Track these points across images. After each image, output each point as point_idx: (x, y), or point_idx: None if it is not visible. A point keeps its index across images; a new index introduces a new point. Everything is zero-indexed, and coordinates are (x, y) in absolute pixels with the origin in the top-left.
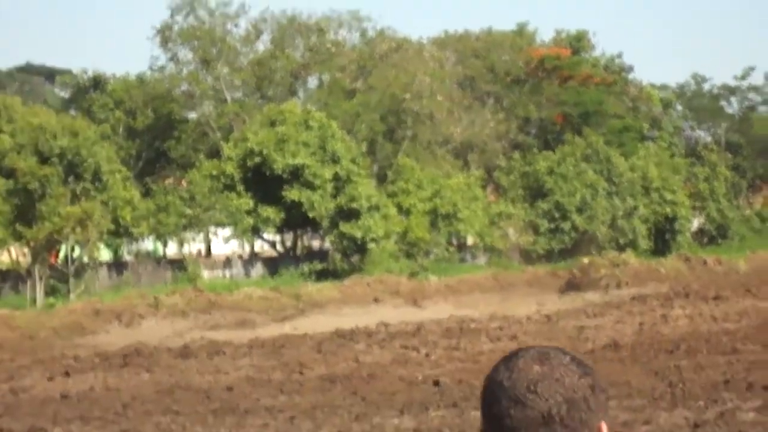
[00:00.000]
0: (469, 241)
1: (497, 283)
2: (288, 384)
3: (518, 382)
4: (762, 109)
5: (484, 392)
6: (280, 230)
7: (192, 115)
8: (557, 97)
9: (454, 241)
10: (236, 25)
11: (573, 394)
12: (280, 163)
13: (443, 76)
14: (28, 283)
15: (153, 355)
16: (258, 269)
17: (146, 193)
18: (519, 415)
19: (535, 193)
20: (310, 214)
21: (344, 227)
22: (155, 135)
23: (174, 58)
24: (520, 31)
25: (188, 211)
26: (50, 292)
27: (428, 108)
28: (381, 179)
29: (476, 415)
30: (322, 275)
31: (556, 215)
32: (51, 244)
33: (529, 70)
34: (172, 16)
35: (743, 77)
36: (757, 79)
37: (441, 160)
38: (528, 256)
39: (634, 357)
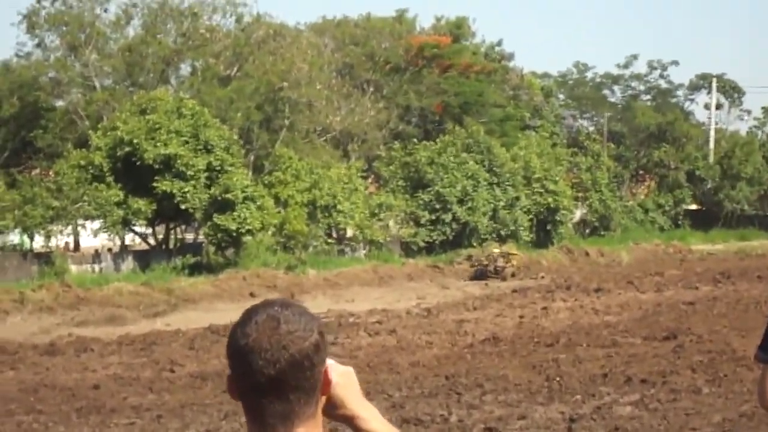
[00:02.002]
0: (349, 233)
1: (377, 276)
2: (157, 382)
3: (248, 345)
4: (645, 98)
5: (226, 347)
6: (151, 223)
7: (60, 104)
8: (438, 85)
9: (334, 234)
10: (106, 10)
11: (298, 356)
12: (151, 153)
13: (321, 63)
14: None
15: (18, 353)
16: (129, 263)
17: (12, 185)
18: (250, 378)
19: (416, 183)
20: (183, 206)
21: (218, 219)
22: (21, 124)
23: (41, 45)
24: (400, 17)
25: (55, 203)
26: None
27: (306, 96)
28: (257, 169)
29: None
30: (195, 269)
31: (437, 206)
32: None
33: (409, 58)
34: (39, 1)
35: (626, 66)
36: (639, 67)
37: (320, 150)
38: (408, 249)
39: (513, 351)
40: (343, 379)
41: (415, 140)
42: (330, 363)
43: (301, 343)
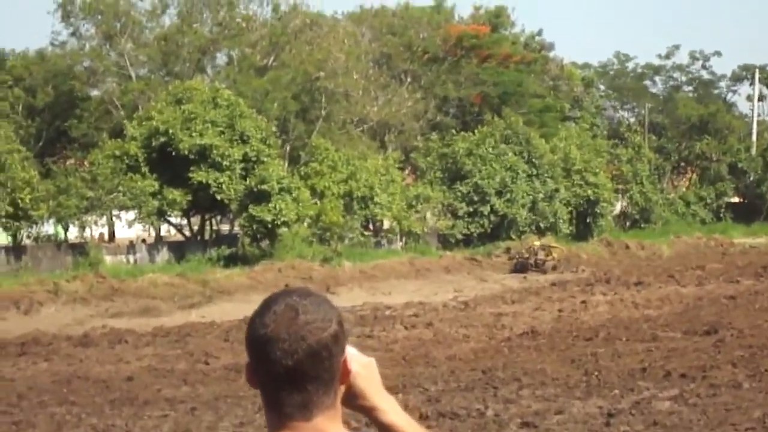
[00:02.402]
0: (386, 225)
1: (414, 269)
2: (192, 374)
3: (266, 335)
4: (686, 89)
5: (245, 335)
6: (186, 213)
7: (95, 93)
8: (476, 76)
9: (370, 225)
10: None
11: (316, 347)
12: (187, 143)
13: (359, 53)
14: None
15: (51, 344)
16: (163, 254)
17: (46, 174)
18: (269, 368)
19: (454, 175)
20: (219, 197)
21: (254, 210)
22: (56, 113)
23: (76, 33)
24: (438, 7)
25: (90, 194)
26: None
27: (343, 86)
28: (293, 160)
29: None
30: (230, 261)
31: (475, 198)
32: None
33: (448, 48)
34: None
35: (668, 56)
36: (681, 58)
37: (356, 141)
38: (446, 241)
39: (551, 345)
40: (364, 370)
41: (453, 131)
42: (352, 353)
43: (319, 333)
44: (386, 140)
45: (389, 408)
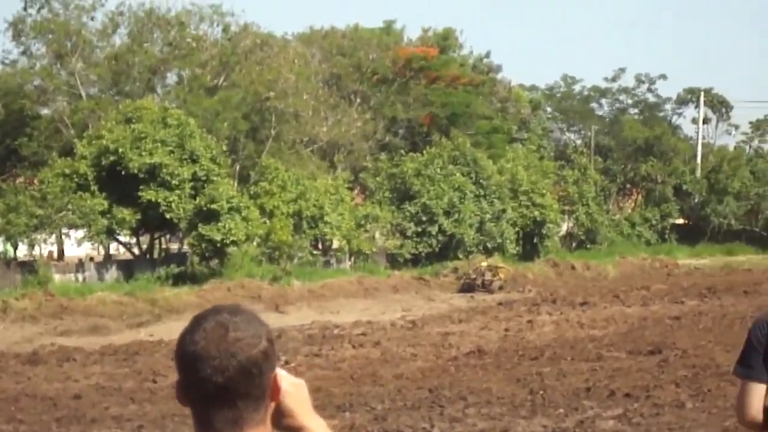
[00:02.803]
0: (335, 244)
1: (362, 288)
2: (139, 392)
3: (197, 352)
4: (632, 111)
5: (175, 351)
6: (136, 232)
7: (45, 112)
8: (425, 97)
9: (319, 245)
10: (92, 18)
11: (247, 364)
12: (137, 162)
13: (308, 73)
14: None
15: (0, 362)
16: (112, 273)
17: None
18: (199, 385)
19: (402, 195)
20: (168, 216)
21: (203, 229)
22: (6, 132)
23: (27, 52)
24: (387, 28)
25: (39, 212)
26: None
27: (293, 106)
28: (243, 180)
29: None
30: (179, 279)
31: (424, 218)
32: None
33: (397, 70)
34: (25, 8)
35: (614, 79)
36: (627, 81)
37: (306, 161)
38: (394, 260)
39: (497, 364)
40: (293, 389)
41: (401, 152)
42: (281, 373)
43: (249, 350)
44: (336, 160)
45: (317, 428)
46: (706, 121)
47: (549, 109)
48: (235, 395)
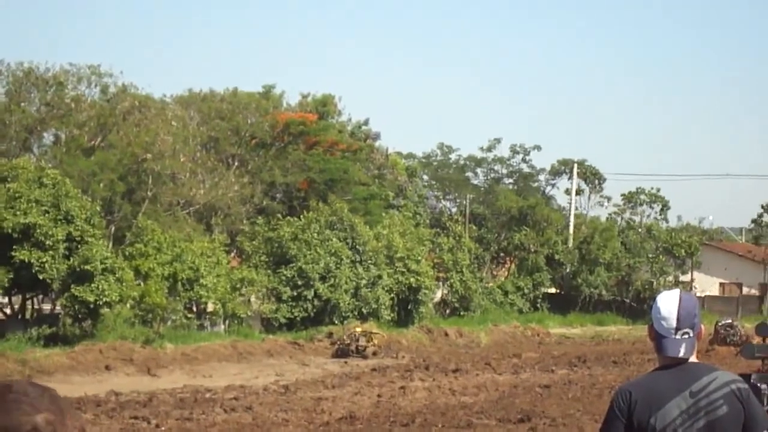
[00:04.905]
0: (210, 307)
1: (236, 352)
2: None
3: None
4: (507, 181)
5: None
6: (8, 292)
7: None
8: (303, 162)
9: (194, 308)
10: None
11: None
12: (11, 222)
13: (186, 136)
14: None
15: None
16: None
17: None
18: None
19: (279, 259)
20: (41, 276)
21: (76, 290)
22: None
23: None
24: (266, 93)
25: None
26: None
27: (170, 168)
28: (118, 241)
29: None
30: (51, 340)
31: (300, 282)
32: None
33: (275, 134)
34: None
35: (489, 149)
36: (503, 151)
37: (183, 223)
38: (269, 324)
39: (369, 430)
40: None
41: (279, 216)
42: None
43: (30, 417)
44: (212, 223)
45: None
46: (579, 192)
47: (425, 177)
48: None
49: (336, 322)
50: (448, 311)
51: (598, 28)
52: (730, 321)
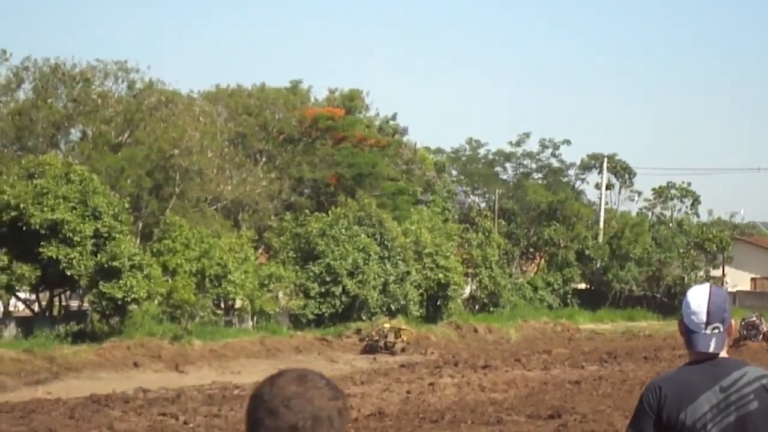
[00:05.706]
0: (237, 303)
1: (264, 348)
2: None
3: (275, 397)
4: (536, 176)
5: (249, 403)
6: (35, 289)
7: None
8: (331, 157)
9: (222, 304)
10: None
11: (320, 412)
12: (38, 218)
13: (214, 131)
14: None
15: None
16: (11, 329)
17: None
18: (271, 425)
19: (307, 255)
20: (69, 272)
21: (104, 287)
22: None
23: None
24: (294, 88)
25: None
26: None
27: (197, 164)
28: (146, 237)
29: None
30: (79, 337)
31: (327, 279)
32: None
33: (303, 129)
34: None
35: (518, 144)
36: (532, 145)
37: (210, 219)
38: (297, 321)
39: (397, 426)
40: None
41: (307, 211)
42: None
43: (324, 400)
44: (240, 219)
45: None
46: (609, 186)
47: (454, 172)
48: None
49: (364, 318)
50: (477, 307)
51: (628, 20)
52: (753, 319)
